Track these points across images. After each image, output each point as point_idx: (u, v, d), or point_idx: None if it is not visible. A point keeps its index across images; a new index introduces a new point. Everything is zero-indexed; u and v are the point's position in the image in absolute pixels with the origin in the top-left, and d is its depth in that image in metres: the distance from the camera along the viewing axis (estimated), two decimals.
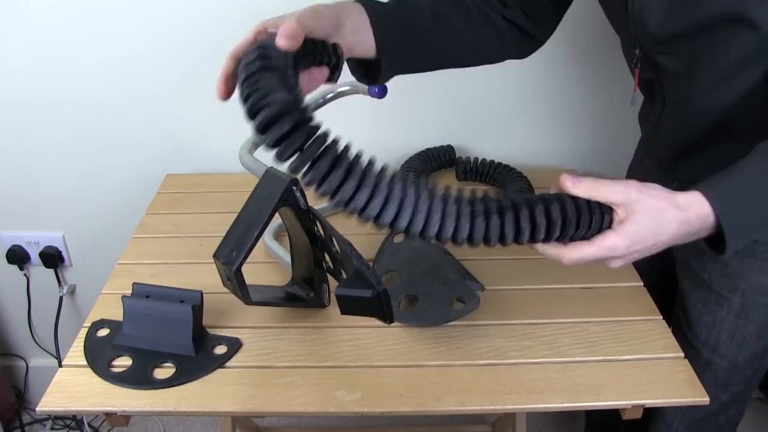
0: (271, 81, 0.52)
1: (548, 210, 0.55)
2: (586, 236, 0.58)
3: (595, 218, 0.56)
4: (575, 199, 0.56)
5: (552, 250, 0.59)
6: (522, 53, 0.83)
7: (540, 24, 0.80)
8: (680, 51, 0.69)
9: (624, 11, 0.71)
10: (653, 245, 0.58)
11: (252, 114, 0.53)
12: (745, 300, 0.81)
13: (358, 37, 0.65)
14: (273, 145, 0.51)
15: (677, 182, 0.84)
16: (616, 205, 0.57)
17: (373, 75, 0.71)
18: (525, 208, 0.54)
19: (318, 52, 0.60)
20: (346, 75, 1.03)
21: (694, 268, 0.86)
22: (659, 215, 0.57)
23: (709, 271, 0.83)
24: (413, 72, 0.75)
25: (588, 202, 0.57)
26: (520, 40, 0.80)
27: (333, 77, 0.64)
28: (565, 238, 0.57)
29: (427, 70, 0.78)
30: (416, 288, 0.85)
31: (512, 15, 0.77)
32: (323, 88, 0.98)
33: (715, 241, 0.60)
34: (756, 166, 0.59)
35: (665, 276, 0.91)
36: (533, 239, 0.55)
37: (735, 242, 0.58)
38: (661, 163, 0.86)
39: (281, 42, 0.55)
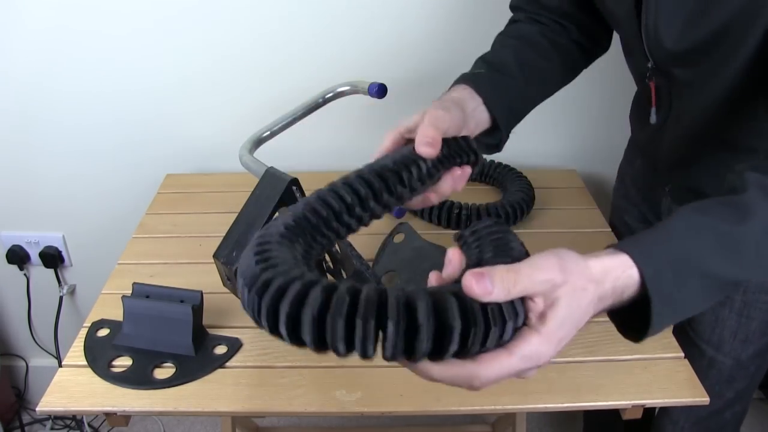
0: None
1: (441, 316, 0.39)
2: (500, 343, 0.43)
3: (506, 322, 0.42)
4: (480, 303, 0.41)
5: (455, 370, 0.45)
6: (590, 62, 0.87)
7: (596, 39, 0.83)
8: (694, 63, 0.68)
9: (636, 29, 0.70)
10: (574, 329, 0.47)
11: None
12: (747, 298, 0.81)
13: (477, 119, 0.68)
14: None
15: (673, 185, 0.85)
16: (535, 295, 0.44)
17: (493, 143, 0.74)
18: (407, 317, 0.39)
19: (458, 154, 0.59)
20: (346, 75, 1.03)
21: None
22: (579, 300, 0.45)
23: None
24: (519, 121, 0.79)
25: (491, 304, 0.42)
26: (585, 53, 0.84)
27: (474, 169, 0.64)
28: (467, 353, 0.42)
29: (528, 112, 0.81)
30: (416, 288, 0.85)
31: (575, 36, 0.81)
32: (323, 88, 0.98)
33: (630, 320, 0.51)
34: (684, 223, 0.50)
35: None
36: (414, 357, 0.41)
37: (660, 314, 0.47)
38: (656, 167, 0.86)
39: (423, 150, 0.55)
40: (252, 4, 1.08)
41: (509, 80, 0.73)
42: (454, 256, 0.51)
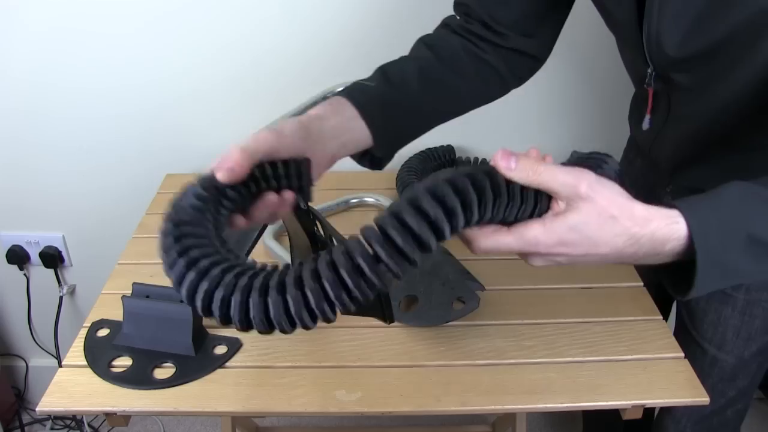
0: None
1: (459, 186, 0.44)
2: (507, 221, 0.48)
3: (524, 203, 0.47)
4: (499, 177, 0.47)
5: (467, 232, 0.50)
6: (523, 79, 0.82)
7: (541, 41, 0.79)
8: (695, 69, 0.68)
9: (637, 35, 0.69)
10: (586, 254, 0.49)
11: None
12: (750, 297, 0.82)
13: (345, 138, 0.63)
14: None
15: (674, 186, 0.85)
16: (558, 196, 0.48)
17: (376, 161, 0.70)
18: (432, 186, 0.44)
19: (271, 177, 0.55)
20: (345, 75, 1.03)
21: None
22: (604, 223, 0.47)
23: None
24: (413, 139, 0.74)
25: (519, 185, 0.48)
26: (522, 65, 0.79)
27: (305, 197, 0.59)
28: (480, 220, 0.46)
29: (426, 132, 0.76)
30: (416, 288, 0.85)
31: (512, 43, 0.75)
32: (321, 89, 0.98)
33: (676, 277, 0.52)
34: (737, 189, 0.50)
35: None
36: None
37: (705, 275, 0.48)
38: (657, 168, 0.86)
39: (219, 176, 0.51)
40: (252, 4, 1.08)
41: (402, 98, 0.69)
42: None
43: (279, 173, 0.55)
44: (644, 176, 0.92)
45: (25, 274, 1.38)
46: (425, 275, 0.86)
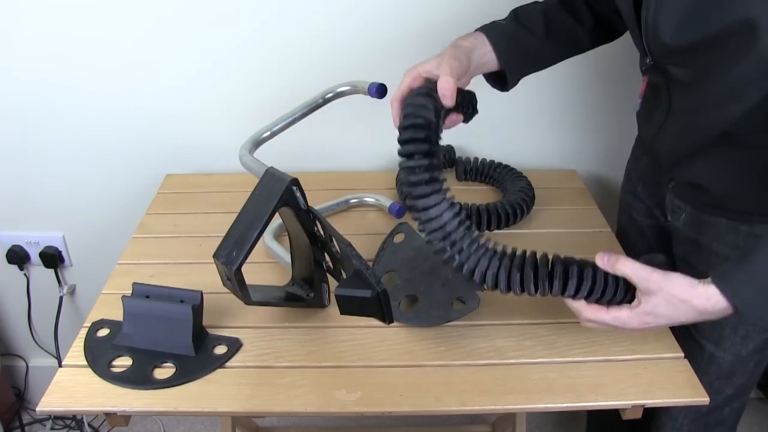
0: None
1: (581, 272, 0.65)
2: (606, 302, 0.67)
3: (618, 291, 0.65)
4: (605, 272, 0.66)
5: (575, 304, 0.68)
6: (612, 39, 0.92)
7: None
8: (691, 63, 0.69)
9: (636, 23, 0.71)
10: (667, 323, 0.65)
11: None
12: None
13: (485, 66, 0.81)
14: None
15: (674, 182, 0.85)
16: (636, 285, 0.64)
17: (502, 82, 0.86)
18: (563, 266, 0.65)
19: (462, 105, 0.76)
20: (346, 75, 1.03)
21: (695, 265, 0.86)
22: (674, 306, 0.63)
23: (710, 267, 0.83)
24: (536, 71, 0.88)
25: (616, 277, 0.65)
26: (611, 30, 0.89)
27: (467, 120, 0.82)
28: (589, 299, 0.66)
29: (548, 66, 0.89)
30: (416, 288, 0.85)
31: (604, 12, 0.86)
32: (323, 88, 0.98)
33: None
34: (762, 255, 0.62)
35: None
36: (564, 293, 0.66)
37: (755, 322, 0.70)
38: (660, 164, 0.86)
39: (446, 102, 0.69)
40: (252, 4, 1.08)
41: (527, 35, 0.83)
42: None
43: (467, 102, 0.78)
44: (649, 173, 0.93)
45: (25, 274, 1.38)
46: (425, 275, 0.87)
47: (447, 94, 0.69)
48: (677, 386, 0.73)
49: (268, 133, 0.94)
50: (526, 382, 0.73)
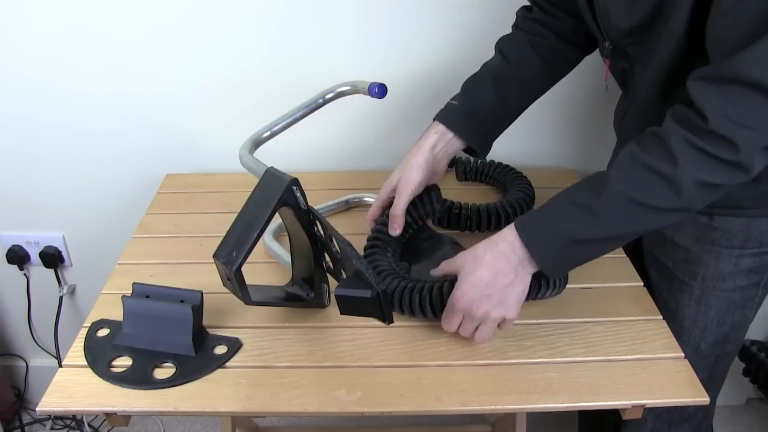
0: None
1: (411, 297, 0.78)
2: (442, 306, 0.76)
3: (433, 293, 0.77)
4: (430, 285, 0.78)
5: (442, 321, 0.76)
6: (587, 54, 0.94)
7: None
8: (646, 40, 0.71)
9: (590, 11, 0.76)
10: (478, 279, 0.71)
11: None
12: (705, 286, 0.85)
13: (455, 151, 0.88)
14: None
15: None
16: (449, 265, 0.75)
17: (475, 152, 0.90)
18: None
19: (419, 218, 0.90)
20: (346, 75, 1.03)
21: (659, 256, 0.89)
22: (475, 260, 0.72)
23: (673, 259, 0.87)
24: (502, 131, 0.92)
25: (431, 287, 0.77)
26: (579, 43, 0.91)
27: (436, 218, 0.94)
28: (426, 313, 0.78)
29: (512, 122, 0.93)
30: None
31: (567, 23, 0.87)
32: (323, 88, 0.98)
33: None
34: (556, 200, 0.70)
35: (636, 268, 0.94)
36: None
37: (548, 268, 0.70)
38: None
39: (393, 233, 0.85)
40: (252, 4, 1.08)
41: (481, 106, 0.87)
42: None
43: (425, 210, 0.90)
44: None
45: (25, 274, 1.38)
46: (438, 263, 0.85)
47: (394, 228, 0.85)
48: (677, 386, 0.73)
49: (268, 133, 0.94)
50: (526, 382, 0.73)
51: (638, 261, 0.95)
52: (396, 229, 0.84)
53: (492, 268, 0.70)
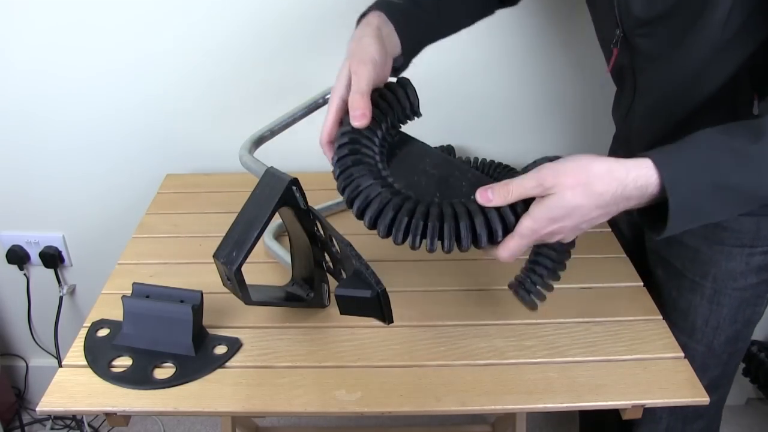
0: (363, 177, 0.63)
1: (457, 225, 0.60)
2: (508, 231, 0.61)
3: (504, 218, 0.60)
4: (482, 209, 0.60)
5: (489, 252, 0.62)
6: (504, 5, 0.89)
7: None
8: (660, 33, 0.71)
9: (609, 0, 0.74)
10: (582, 217, 0.58)
11: (358, 212, 0.63)
12: (717, 285, 0.84)
13: (391, 47, 0.72)
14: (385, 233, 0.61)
15: None
16: (535, 195, 0.59)
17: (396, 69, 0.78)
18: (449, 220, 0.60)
19: (401, 115, 0.71)
20: None
21: (666, 257, 0.89)
22: (583, 191, 0.57)
23: (682, 259, 0.87)
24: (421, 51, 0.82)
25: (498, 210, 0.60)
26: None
27: (415, 114, 0.74)
28: (490, 241, 0.61)
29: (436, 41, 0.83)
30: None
31: None
32: (319, 89, 0.98)
33: (653, 218, 0.61)
34: (704, 139, 0.59)
35: (638, 267, 0.94)
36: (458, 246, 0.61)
37: (677, 218, 0.57)
38: (632, 155, 0.87)
39: (357, 124, 0.63)
40: (252, 4, 1.08)
41: (422, 14, 0.77)
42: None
43: (404, 108, 0.72)
44: None
45: (25, 274, 1.38)
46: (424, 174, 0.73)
47: (357, 114, 0.64)
48: (677, 386, 0.73)
49: (268, 133, 0.94)
50: (526, 382, 0.73)
51: (641, 261, 0.95)
52: (363, 116, 0.64)
53: (605, 210, 0.58)
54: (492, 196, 0.59)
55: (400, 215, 0.60)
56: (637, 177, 0.57)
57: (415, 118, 0.73)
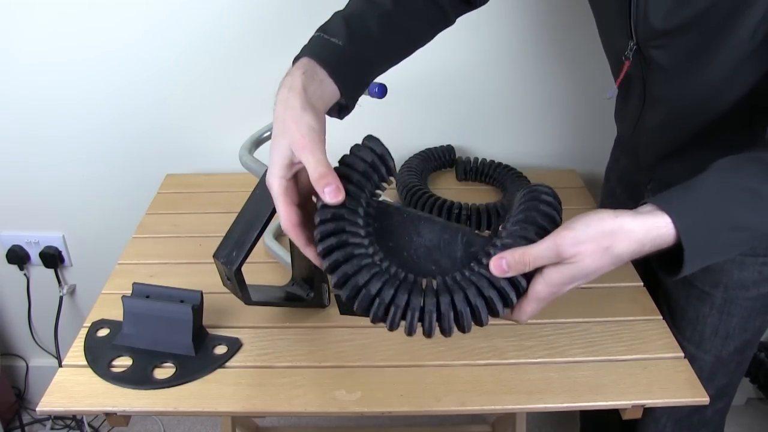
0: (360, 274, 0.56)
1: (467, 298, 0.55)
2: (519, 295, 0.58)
3: (517, 287, 0.56)
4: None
5: (509, 317, 0.59)
6: (457, 16, 0.83)
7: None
8: (678, 44, 0.69)
9: (625, 5, 0.71)
10: (598, 273, 0.57)
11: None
12: (728, 295, 0.83)
13: (324, 99, 0.66)
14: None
15: (654, 183, 0.85)
16: (551, 261, 0.55)
17: (342, 111, 0.73)
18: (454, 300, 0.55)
19: (377, 178, 0.63)
20: None
21: None
22: (601, 256, 0.55)
23: None
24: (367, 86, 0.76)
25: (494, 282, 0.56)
26: (461, 4, 0.81)
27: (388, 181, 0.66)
28: (505, 309, 0.57)
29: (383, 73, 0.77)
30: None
31: None
32: None
33: (667, 261, 0.59)
34: (716, 181, 0.57)
35: (649, 274, 0.92)
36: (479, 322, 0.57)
37: (692, 261, 0.55)
38: (639, 164, 0.86)
39: (332, 201, 0.56)
40: (252, 4, 1.08)
41: (360, 50, 0.70)
42: None
43: (378, 169, 0.63)
44: (628, 174, 0.93)
45: (25, 274, 1.38)
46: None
47: (331, 191, 0.57)
48: (677, 386, 0.73)
49: (268, 133, 0.95)
50: (525, 382, 0.73)
51: (650, 268, 0.93)
52: (335, 192, 0.56)
53: (618, 263, 0.56)
54: (507, 268, 0.56)
55: (415, 312, 0.56)
56: (656, 237, 0.55)
57: (392, 180, 0.65)
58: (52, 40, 1.11)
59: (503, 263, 0.55)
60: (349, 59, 0.67)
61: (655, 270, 0.61)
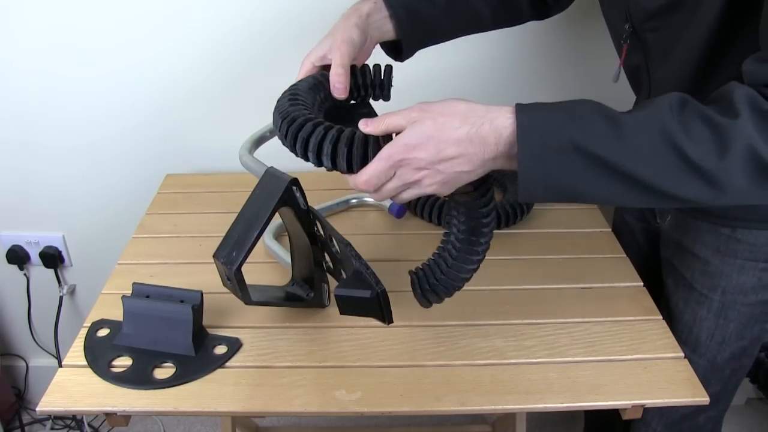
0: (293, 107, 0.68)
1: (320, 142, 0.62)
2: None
3: (367, 144, 0.61)
4: (354, 134, 0.62)
5: (350, 180, 0.63)
6: (542, 15, 0.90)
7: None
8: (667, 27, 0.70)
9: None
10: (437, 149, 0.57)
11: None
12: (726, 299, 0.82)
13: (383, 35, 0.76)
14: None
15: None
16: (403, 127, 0.59)
17: (397, 52, 0.81)
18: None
19: (368, 85, 0.75)
20: None
21: (677, 266, 0.87)
22: (442, 124, 0.57)
23: (692, 270, 0.85)
24: (434, 44, 0.84)
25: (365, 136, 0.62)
26: (538, 9, 0.87)
27: (385, 98, 0.78)
28: (350, 168, 0.62)
29: (448, 40, 0.85)
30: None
31: None
32: None
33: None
34: (579, 101, 0.57)
35: (652, 276, 0.92)
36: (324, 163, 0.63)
37: (528, 170, 0.55)
38: None
39: (338, 95, 0.70)
40: (252, 4, 1.08)
41: (427, 5, 0.78)
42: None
43: (374, 83, 0.76)
44: None
45: (25, 274, 1.38)
46: None
47: (339, 87, 0.70)
48: (677, 386, 0.73)
49: (268, 133, 0.94)
50: (525, 382, 0.73)
51: (655, 270, 0.93)
52: (341, 89, 0.70)
53: (462, 149, 0.57)
54: (367, 124, 0.61)
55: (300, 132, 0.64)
56: (495, 117, 0.56)
57: (385, 92, 0.77)
58: (53, 41, 1.11)
59: (367, 121, 0.61)
60: (411, 8, 0.77)
61: (655, 270, 0.61)
